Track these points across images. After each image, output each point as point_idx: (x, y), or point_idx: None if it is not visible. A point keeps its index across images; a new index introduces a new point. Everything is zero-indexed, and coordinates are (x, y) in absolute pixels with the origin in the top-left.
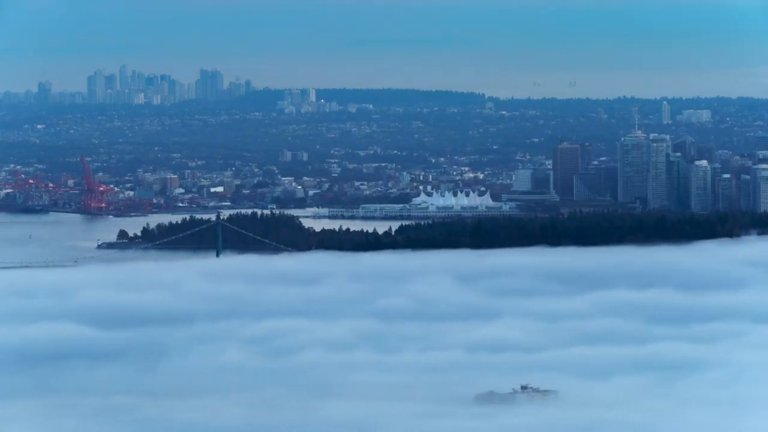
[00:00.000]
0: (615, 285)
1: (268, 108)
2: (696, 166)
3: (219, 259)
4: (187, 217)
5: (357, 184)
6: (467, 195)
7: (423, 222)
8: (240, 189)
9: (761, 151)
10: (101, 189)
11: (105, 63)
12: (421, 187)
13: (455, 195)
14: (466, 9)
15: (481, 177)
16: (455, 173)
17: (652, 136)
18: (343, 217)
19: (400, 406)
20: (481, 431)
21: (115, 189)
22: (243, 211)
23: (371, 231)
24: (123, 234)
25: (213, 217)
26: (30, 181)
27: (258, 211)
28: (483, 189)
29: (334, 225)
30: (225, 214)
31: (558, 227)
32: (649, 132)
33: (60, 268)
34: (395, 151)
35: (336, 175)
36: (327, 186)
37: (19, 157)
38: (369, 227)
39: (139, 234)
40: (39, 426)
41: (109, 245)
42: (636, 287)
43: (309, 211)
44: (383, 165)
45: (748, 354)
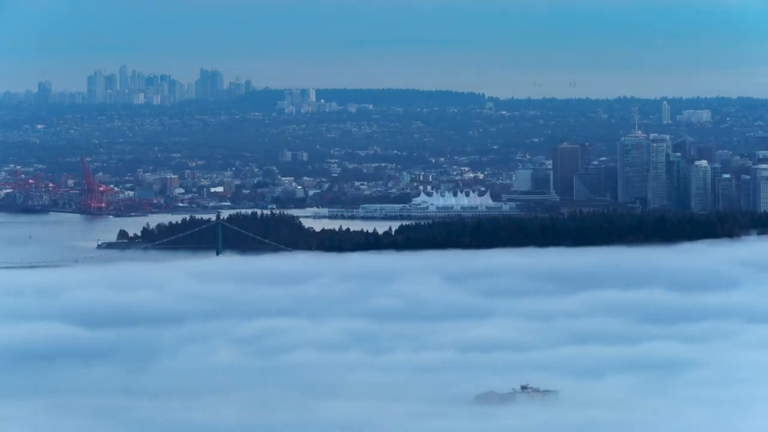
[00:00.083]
0: (609, 285)
1: (268, 108)
2: (696, 166)
3: (212, 260)
4: (187, 217)
5: (357, 184)
6: (467, 195)
7: (423, 222)
8: (240, 189)
9: (761, 151)
10: (101, 189)
11: (105, 63)
12: (421, 187)
13: (455, 195)
14: (466, 9)
15: (481, 177)
16: (455, 173)
17: (652, 136)
18: (343, 217)
19: (398, 406)
20: (482, 431)
21: (115, 189)
22: (243, 211)
23: (371, 231)
24: (123, 234)
25: (213, 217)
26: (30, 181)
27: (258, 211)
28: (483, 189)
29: (334, 225)
30: (225, 214)
31: (558, 227)
32: (649, 132)
33: (60, 268)
34: (395, 151)
35: (336, 175)
36: (327, 186)
37: (19, 157)
38: (369, 227)
39: (139, 234)
40: (33, 426)
41: (109, 245)
42: (630, 287)
43: (309, 211)
44: (383, 165)
45: (741, 353)
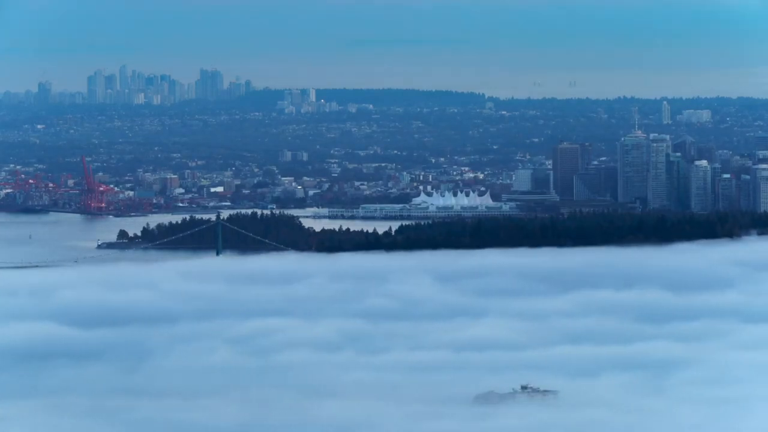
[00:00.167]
0: (607, 285)
1: (268, 108)
2: (696, 166)
3: (206, 260)
4: (187, 217)
5: (357, 184)
6: (467, 195)
7: (423, 222)
8: (240, 189)
9: (761, 151)
10: (101, 189)
11: (105, 63)
12: (421, 187)
13: (455, 195)
14: (466, 9)
15: (481, 177)
16: (455, 173)
17: (652, 136)
18: (343, 217)
19: (397, 406)
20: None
21: (115, 189)
22: (243, 211)
23: (371, 231)
24: (123, 234)
25: (213, 217)
26: (30, 181)
27: (258, 211)
28: (483, 189)
29: (334, 225)
30: (225, 214)
31: (558, 227)
32: (649, 132)
33: (60, 268)
34: (395, 151)
35: (336, 175)
36: (327, 186)
37: (19, 157)
38: (369, 227)
39: (139, 234)
40: (31, 426)
41: (109, 245)
42: (626, 287)
43: (309, 211)
44: (383, 165)
45: (736, 353)
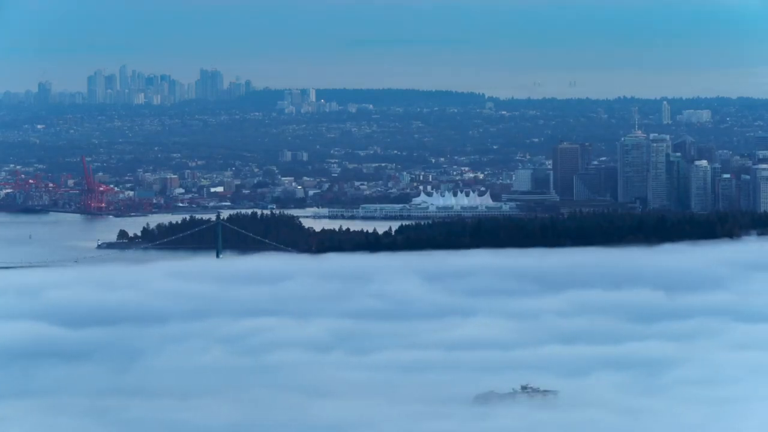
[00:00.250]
0: (606, 285)
1: (268, 108)
2: (696, 166)
3: (202, 260)
4: (187, 217)
5: (357, 184)
6: (467, 195)
7: (423, 222)
8: (240, 189)
9: (761, 151)
10: (101, 189)
11: (105, 63)
12: (421, 187)
13: (455, 195)
14: (466, 9)
15: (481, 177)
16: (455, 173)
17: (652, 136)
18: (343, 217)
19: (397, 406)
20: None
21: (115, 189)
22: (243, 211)
23: (371, 231)
24: (123, 234)
25: (213, 217)
26: (30, 181)
27: (258, 211)
28: (483, 189)
29: (334, 225)
30: (225, 214)
31: (558, 227)
32: (649, 132)
33: (59, 268)
34: (395, 151)
35: (336, 175)
36: (327, 186)
37: (19, 157)
38: (369, 227)
39: (139, 234)
40: (25, 426)
41: (109, 245)
42: (620, 287)
43: (309, 211)
44: (383, 165)
45: (729, 353)
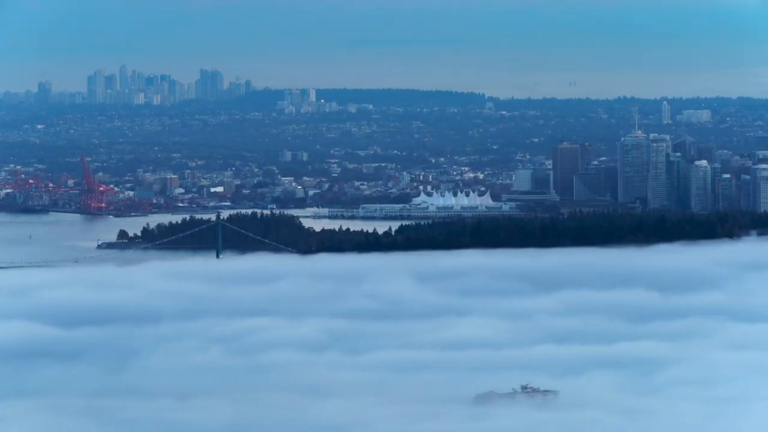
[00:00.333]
0: (604, 285)
1: (268, 108)
2: (696, 166)
3: (198, 260)
4: (187, 217)
5: (357, 184)
6: (467, 195)
7: (423, 222)
8: (240, 189)
9: (761, 151)
10: (101, 189)
11: (105, 63)
12: (421, 187)
13: (455, 195)
14: (466, 9)
15: (481, 177)
16: (455, 173)
17: (652, 136)
18: (343, 217)
19: (395, 406)
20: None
21: (115, 189)
22: (243, 211)
23: (371, 231)
24: (123, 234)
25: (213, 217)
26: (30, 181)
27: (258, 211)
28: (483, 189)
29: (334, 225)
30: (225, 214)
31: (558, 227)
32: (649, 132)
33: (59, 268)
34: (395, 151)
35: (336, 175)
36: (327, 186)
37: (19, 157)
38: (369, 227)
39: (139, 234)
40: (23, 426)
41: (109, 245)
42: (616, 287)
43: (309, 211)
44: (383, 165)
45: (724, 353)
